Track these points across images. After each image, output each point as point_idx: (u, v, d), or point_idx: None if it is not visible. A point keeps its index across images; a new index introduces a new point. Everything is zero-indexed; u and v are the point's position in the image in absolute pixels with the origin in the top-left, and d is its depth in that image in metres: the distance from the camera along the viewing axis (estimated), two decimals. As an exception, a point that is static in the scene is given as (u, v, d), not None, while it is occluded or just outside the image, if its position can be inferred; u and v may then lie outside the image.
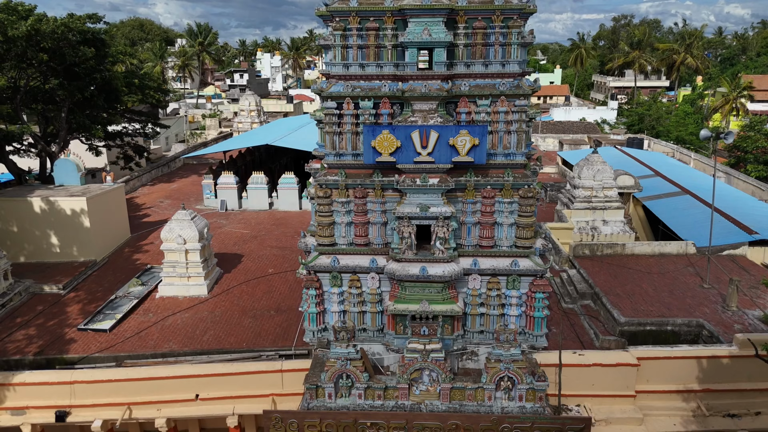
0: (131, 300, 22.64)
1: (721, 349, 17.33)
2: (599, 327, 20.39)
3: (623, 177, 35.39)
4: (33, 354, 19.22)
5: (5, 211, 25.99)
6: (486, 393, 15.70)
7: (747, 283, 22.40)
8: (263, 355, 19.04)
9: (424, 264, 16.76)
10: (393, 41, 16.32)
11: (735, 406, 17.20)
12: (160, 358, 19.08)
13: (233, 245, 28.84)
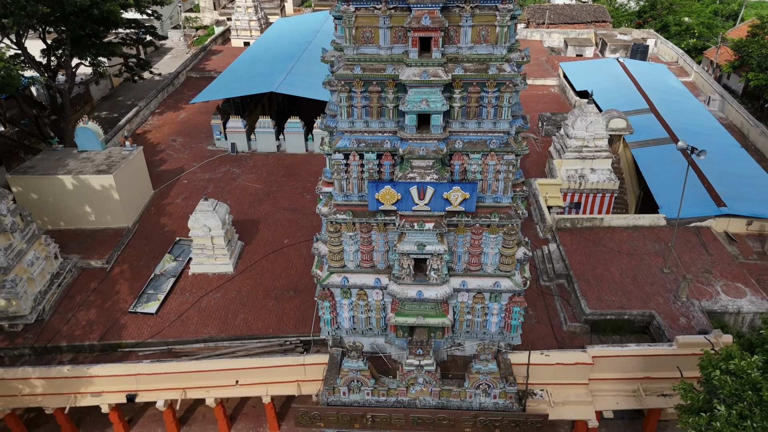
0: (168, 278, 26.22)
1: (663, 348, 21.17)
2: (568, 311, 24.12)
3: (616, 120, 36.76)
4: (97, 340, 23.28)
5: (41, 187, 28.49)
6: (468, 393, 19.86)
7: (702, 266, 25.68)
8: (288, 341, 23.08)
9: (420, 288, 20.01)
10: (394, 102, 17.87)
11: (668, 389, 21.49)
12: (202, 344, 23.17)
13: (249, 206, 31.61)
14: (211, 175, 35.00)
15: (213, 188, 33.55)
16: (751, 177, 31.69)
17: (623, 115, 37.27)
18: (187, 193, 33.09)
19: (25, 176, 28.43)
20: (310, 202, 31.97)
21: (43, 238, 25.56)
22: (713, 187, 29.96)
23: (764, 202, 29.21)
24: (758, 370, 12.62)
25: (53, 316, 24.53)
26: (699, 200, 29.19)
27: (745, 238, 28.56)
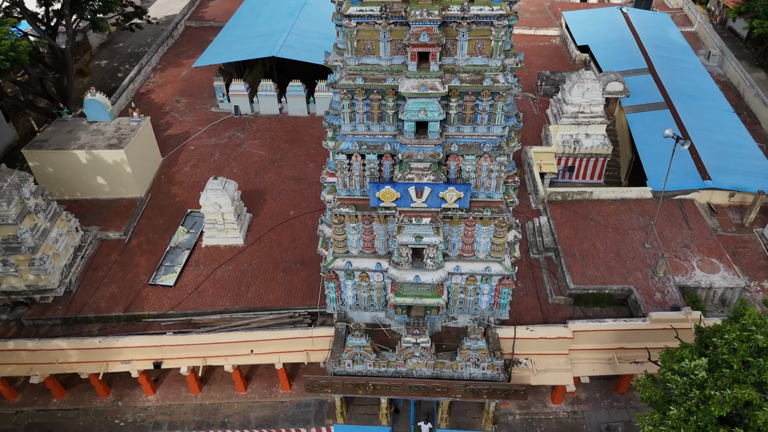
0: (183, 251, 28.10)
1: (637, 323, 23.35)
2: (554, 285, 26.16)
3: (613, 84, 37.36)
4: (122, 311, 25.48)
5: (56, 161, 29.77)
6: (459, 365, 22.21)
7: (682, 241, 27.44)
8: (297, 313, 25.28)
9: (417, 273, 21.93)
10: (394, 109, 19.02)
11: (639, 357, 23.88)
12: (218, 315, 25.39)
13: (255, 175, 32.95)
14: (217, 141, 36.05)
15: (219, 155, 34.73)
16: (738, 146, 32.77)
17: (621, 78, 37.76)
18: (195, 161, 34.32)
19: (41, 151, 29.64)
20: (313, 171, 33.28)
21: (64, 214, 27.20)
22: (701, 158, 31.13)
23: (748, 174, 30.52)
24: (704, 370, 14.64)
25: (79, 288, 26.63)
26: (685, 172, 30.48)
27: (727, 210, 30.16)
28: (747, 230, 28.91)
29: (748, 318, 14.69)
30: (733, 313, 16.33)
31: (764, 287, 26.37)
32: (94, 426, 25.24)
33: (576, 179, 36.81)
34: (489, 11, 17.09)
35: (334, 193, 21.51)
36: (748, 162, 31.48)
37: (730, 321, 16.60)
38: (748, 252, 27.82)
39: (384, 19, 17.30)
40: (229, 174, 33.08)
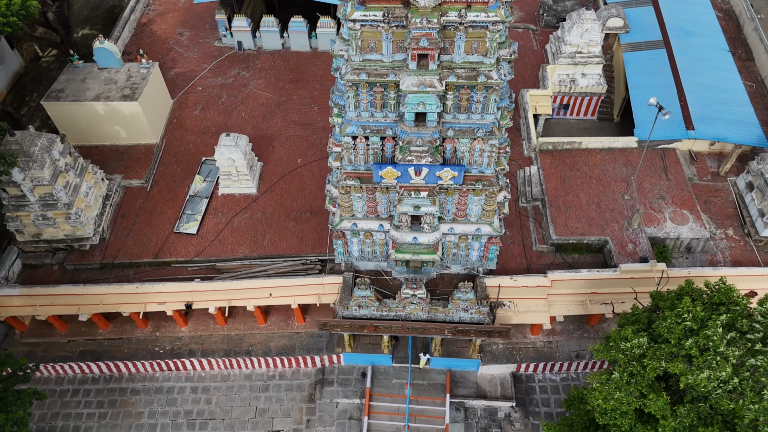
0: (202, 199, 30.67)
1: (609, 273, 26.54)
2: (539, 233, 29.05)
3: (613, 20, 37.58)
4: (152, 257, 28.64)
5: (75, 112, 31.40)
6: (450, 311, 25.72)
7: (659, 192, 29.87)
8: (308, 260, 28.45)
9: (415, 234, 24.82)
10: (395, 99, 20.82)
11: (609, 299, 27.38)
12: (239, 262, 28.57)
13: (262, 120, 34.54)
14: (223, 80, 37.10)
15: (226, 97, 36.02)
16: (726, 92, 33.94)
17: (622, 13, 37.87)
18: (204, 103, 35.70)
19: (59, 103, 31.14)
20: (318, 115, 34.81)
21: (90, 167, 29.43)
22: (688, 106, 32.55)
23: (731, 122, 32.11)
24: (642, 347, 17.89)
25: (111, 236, 29.61)
26: (672, 121, 32.04)
27: (706, 157, 32.26)
28: (722, 179, 31.24)
29: (683, 305, 17.63)
30: (678, 290, 19.35)
31: (728, 234, 29.29)
32: (138, 352, 29.42)
33: (570, 116, 38.40)
34: (485, 17, 18.28)
35: (340, 161, 23.67)
36: (734, 109, 32.91)
37: (674, 298, 19.61)
38: (719, 201, 30.39)
39: (386, 23, 18.51)
40: (237, 118, 34.70)
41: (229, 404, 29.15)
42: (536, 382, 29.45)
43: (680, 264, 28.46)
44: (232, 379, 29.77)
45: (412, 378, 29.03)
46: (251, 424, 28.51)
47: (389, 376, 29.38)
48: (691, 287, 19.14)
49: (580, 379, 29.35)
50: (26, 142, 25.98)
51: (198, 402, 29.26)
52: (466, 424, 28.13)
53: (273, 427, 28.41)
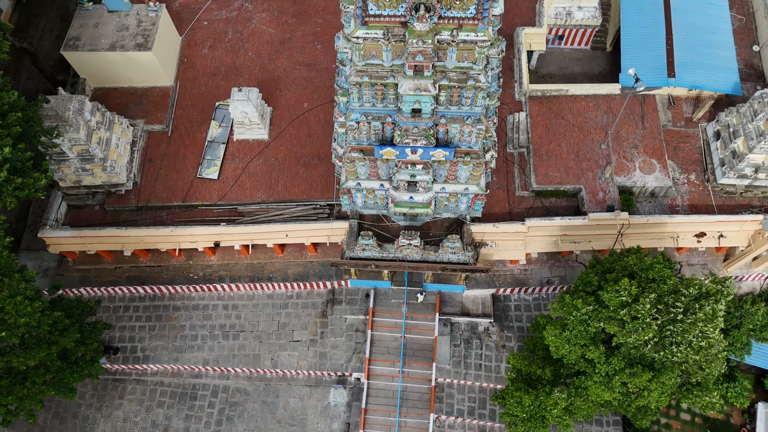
0: (219, 144, 33.83)
1: (578, 221, 30.70)
2: (522, 180, 32.67)
3: (615, -52, 37.44)
4: (181, 201, 32.64)
5: (93, 61, 33.35)
6: (440, 254, 30.32)
7: (632, 141, 32.89)
8: (318, 205, 32.47)
9: (412, 194, 28.69)
10: (394, 95, 23.50)
11: (577, 239, 31.89)
12: (257, 206, 32.61)
13: (268, 60, 36.24)
14: (228, 14, 37.95)
15: (232, 33, 37.27)
16: (713, 33, 35.11)
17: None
18: (211, 41, 37.07)
19: (77, 53, 32.95)
20: (321, 54, 36.44)
21: (117, 118, 32.24)
22: (673, 50, 34.08)
23: (712, 68, 33.90)
24: (588, 313, 22.64)
25: (142, 180, 33.32)
26: (655, 66, 33.85)
27: (683, 102, 34.73)
28: (694, 125, 34.05)
29: (621, 285, 22.04)
30: (621, 269, 23.72)
31: (690, 180, 32.95)
32: (175, 277, 34.68)
33: (565, 45, 39.85)
34: (474, 37, 20.48)
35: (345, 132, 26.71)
36: (716, 53, 34.51)
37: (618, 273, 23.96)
38: (687, 146, 33.55)
39: (386, 40, 20.71)
40: (244, 58, 36.43)
41: (255, 319, 35.05)
42: (512, 301, 35.06)
43: (643, 207, 32.52)
44: (256, 299, 35.35)
45: (408, 298, 34.59)
46: (275, 335, 34.64)
47: (388, 296, 34.90)
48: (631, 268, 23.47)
49: (549, 299, 34.88)
50: (60, 108, 28.68)
51: (229, 317, 35.14)
52: (451, 336, 34.23)
53: (293, 338, 34.59)
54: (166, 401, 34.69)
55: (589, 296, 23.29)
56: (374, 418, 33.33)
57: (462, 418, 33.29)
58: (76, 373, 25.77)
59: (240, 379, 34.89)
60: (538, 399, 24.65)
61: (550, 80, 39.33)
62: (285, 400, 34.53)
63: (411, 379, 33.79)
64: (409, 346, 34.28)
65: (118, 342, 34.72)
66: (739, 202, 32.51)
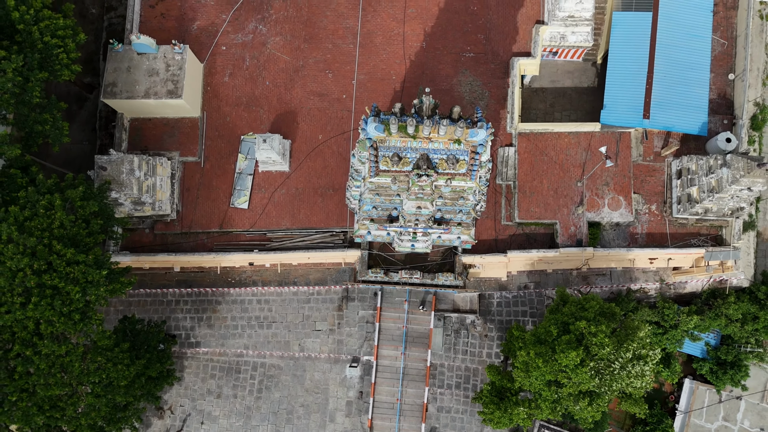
0: (247, 176, 38.96)
1: (552, 253, 36.96)
2: (507, 211, 38.31)
3: (611, -24, 39.08)
4: (218, 227, 38.69)
5: (133, 106, 37.43)
6: (437, 280, 37.04)
7: (605, 179, 37.88)
8: (334, 233, 38.53)
9: (413, 243, 34.85)
10: (400, 202, 28.79)
11: (550, 263, 38.38)
12: (282, 232, 38.70)
13: (285, 90, 39.74)
14: (243, 38, 40.55)
15: (249, 60, 40.30)
16: (692, 69, 38.21)
17: (621, -34, 38.90)
18: (231, 68, 40.26)
19: (116, 100, 36.87)
20: (332, 83, 39.88)
21: (158, 160, 37.13)
22: (652, 89, 37.51)
23: (686, 107, 37.64)
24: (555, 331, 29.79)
25: (183, 208, 39.03)
26: (633, 106, 37.59)
27: (655, 136, 39.01)
28: (661, 159, 38.74)
29: (572, 355, 28.96)
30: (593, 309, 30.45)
31: (651, 210, 38.56)
32: (216, 281, 41.84)
33: (558, 59, 42.84)
34: (464, 184, 25.41)
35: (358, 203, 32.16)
36: (691, 91, 37.99)
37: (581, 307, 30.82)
38: (653, 179, 38.62)
39: (393, 183, 25.70)
40: (262, 87, 39.99)
41: (284, 312, 42.83)
42: (495, 299, 42.44)
43: (608, 234, 38.54)
44: (284, 295, 42.80)
45: (409, 297, 41.99)
46: (300, 326, 42.67)
47: (393, 295, 42.19)
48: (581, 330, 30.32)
49: (526, 297, 42.28)
50: (116, 173, 33.73)
51: (263, 310, 42.88)
52: (444, 328, 42.22)
53: (315, 327, 42.63)
54: (216, 374, 43.75)
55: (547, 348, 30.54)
56: (382, 389, 42.52)
57: (450, 391, 42.49)
58: (159, 386, 34.02)
59: (274, 358, 43.63)
60: (507, 410, 33.10)
61: (542, 94, 43.10)
62: (311, 373, 43.54)
63: (411, 360, 42.41)
64: (410, 335, 42.41)
65: (174, 330, 42.89)
66: (690, 231, 38.47)
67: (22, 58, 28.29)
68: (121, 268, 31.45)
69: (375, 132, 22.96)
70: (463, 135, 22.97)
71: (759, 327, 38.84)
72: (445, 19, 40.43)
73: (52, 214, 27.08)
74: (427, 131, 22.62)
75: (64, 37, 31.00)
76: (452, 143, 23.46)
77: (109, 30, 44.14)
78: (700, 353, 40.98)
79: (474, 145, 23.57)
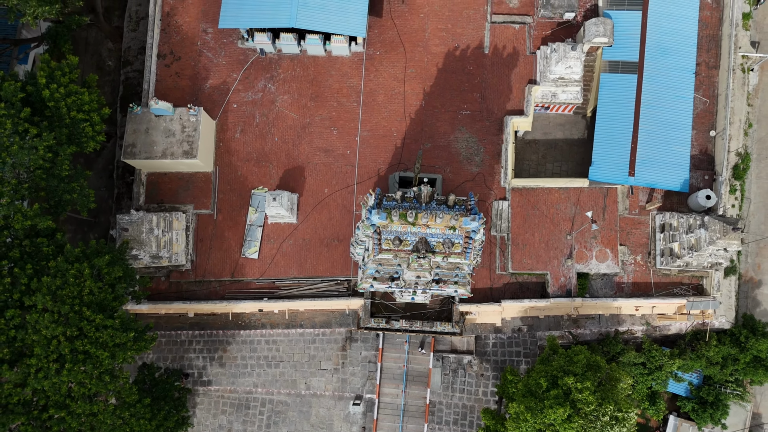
0: (257, 228, 41.48)
1: (543, 303, 39.47)
2: (502, 261, 40.80)
3: (599, 38, 41.49)
4: (230, 276, 41.21)
5: (151, 164, 39.93)
6: (435, 327, 39.59)
7: (592, 233, 40.38)
8: (339, 281, 41.04)
9: (413, 296, 37.32)
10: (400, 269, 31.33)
11: (541, 310, 40.90)
12: (290, 280, 41.21)
13: (292, 146, 42.28)
14: (253, 96, 43.08)
15: (259, 117, 42.83)
16: (674, 128, 40.78)
17: (609, 30, 41.09)
18: (242, 125, 42.78)
19: (136, 160, 39.39)
20: (337, 139, 42.40)
21: (174, 215, 39.66)
22: (637, 148, 40.08)
23: (668, 165, 40.26)
24: (544, 384, 32.26)
25: (197, 258, 41.55)
26: (619, 164, 40.15)
27: (640, 191, 41.51)
28: (646, 213, 41.24)
29: (558, 411, 31.43)
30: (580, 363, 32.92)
31: (636, 260, 41.05)
32: (227, 324, 44.34)
33: (550, 112, 45.36)
34: (459, 261, 27.91)
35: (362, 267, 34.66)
36: (674, 150, 40.59)
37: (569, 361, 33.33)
38: (638, 232, 41.12)
39: (394, 258, 28.19)
40: (272, 144, 42.52)
41: (291, 352, 45.38)
42: (490, 340, 44.99)
43: (596, 283, 41.03)
44: (291, 336, 45.36)
45: (409, 339, 44.51)
46: (306, 365, 45.21)
47: (394, 337, 44.75)
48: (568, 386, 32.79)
49: (520, 338, 44.80)
50: (136, 232, 36.27)
51: (271, 350, 45.44)
52: (442, 367, 44.74)
53: (321, 367, 45.17)
54: (227, 410, 46.31)
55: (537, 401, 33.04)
56: (383, 425, 45.07)
57: (448, 427, 45.01)
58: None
59: (282, 395, 46.16)
60: (500, 454, 35.66)
61: (534, 146, 45.68)
62: (316, 410, 46.09)
63: (411, 397, 44.95)
64: (410, 374, 44.96)
65: (187, 369, 45.43)
66: (673, 280, 40.97)
67: (53, 136, 30.79)
68: (144, 325, 33.82)
69: (378, 220, 25.45)
70: (458, 223, 25.48)
71: (738, 368, 41.41)
72: (443, 79, 42.95)
73: (82, 282, 29.60)
74: (425, 219, 25.12)
75: (90, 111, 33.50)
76: (448, 229, 25.96)
77: (126, 83, 46.74)
78: (684, 392, 43.47)
79: (468, 231, 26.09)
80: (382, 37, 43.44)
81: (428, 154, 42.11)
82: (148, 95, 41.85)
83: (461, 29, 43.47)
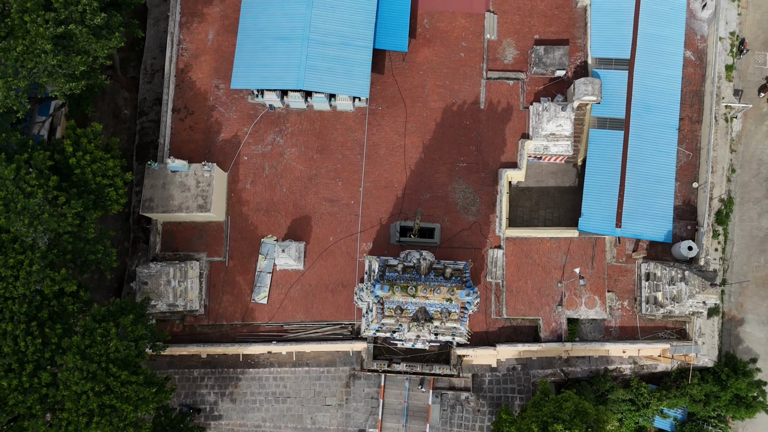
0: (266, 274, 44.10)
1: (535, 347, 42.03)
2: (497, 306, 43.39)
3: (588, 96, 44.10)
4: (241, 320, 43.81)
5: (168, 217, 42.55)
6: (434, 369, 42.14)
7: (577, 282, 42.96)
8: (343, 325, 43.64)
9: (414, 343, 39.88)
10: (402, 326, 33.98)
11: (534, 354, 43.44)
12: (297, 324, 43.81)
13: (300, 196, 44.96)
14: (263, 149, 45.77)
15: (269, 169, 45.52)
16: (658, 182, 43.42)
17: (597, 89, 43.69)
18: (252, 176, 45.47)
19: (154, 213, 42.04)
20: (342, 190, 45.06)
21: (188, 264, 42.29)
22: (623, 201, 42.67)
23: (653, 216, 42.91)
24: (536, 429, 34.80)
25: (210, 302, 44.16)
26: (607, 215, 42.79)
27: (627, 240, 44.11)
28: (632, 261, 43.83)
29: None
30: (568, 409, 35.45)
31: (623, 305, 43.63)
32: (238, 363, 46.93)
33: (543, 161, 47.98)
34: (456, 325, 30.49)
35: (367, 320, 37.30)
36: (658, 203, 43.20)
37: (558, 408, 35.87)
38: (624, 278, 43.71)
39: (396, 323, 30.79)
40: (280, 194, 45.18)
41: (297, 388, 47.92)
42: (486, 377, 47.53)
43: (585, 327, 43.60)
44: (298, 374, 47.91)
45: (410, 377, 47.06)
46: (312, 400, 47.77)
47: (395, 375, 47.31)
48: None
49: (514, 376, 47.33)
50: (155, 285, 38.90)
51: (278, 386, 47.98)
52: (441, 403, 47.29)
53: (326, 402, 47.74)
54: (237, 443, 48.89)
55: None
56: (385, 457, 47.65)
57: (446, 460, 47.54)
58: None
59: (289, 429, 48.69)
60: (493, 491, 38.18)
61: (528, 193, 48.28)
62: (322, 443, 48.68)
63: (411, 432, 47.53)
64: (410, 410, 47.48)
65: (199, 404, 48.02)
66: (658, 324, 43.55)
67: (81, 203, 33.43)
68: (164, 378, 36.39)
69: (382, 292, 28.05)
70: (454, 296, 28.05)
71: (721, 404, 43.93)
72: (441, 133, 45.62)
73: (108, 341, 32.22)
74: (424, 292, 27.67)
75: (114, 176, 36.16)
76: (445, 300, 28.50)
77: (141, 133, 49.40)
78: (669, 428, 46.00)
79: (463, 302, 28.67)
80: (383, 93, 46.11)
81: (427, 204, 44.75)
82: (164, 150, 44.54)
83: (458, 85, 46.14)
